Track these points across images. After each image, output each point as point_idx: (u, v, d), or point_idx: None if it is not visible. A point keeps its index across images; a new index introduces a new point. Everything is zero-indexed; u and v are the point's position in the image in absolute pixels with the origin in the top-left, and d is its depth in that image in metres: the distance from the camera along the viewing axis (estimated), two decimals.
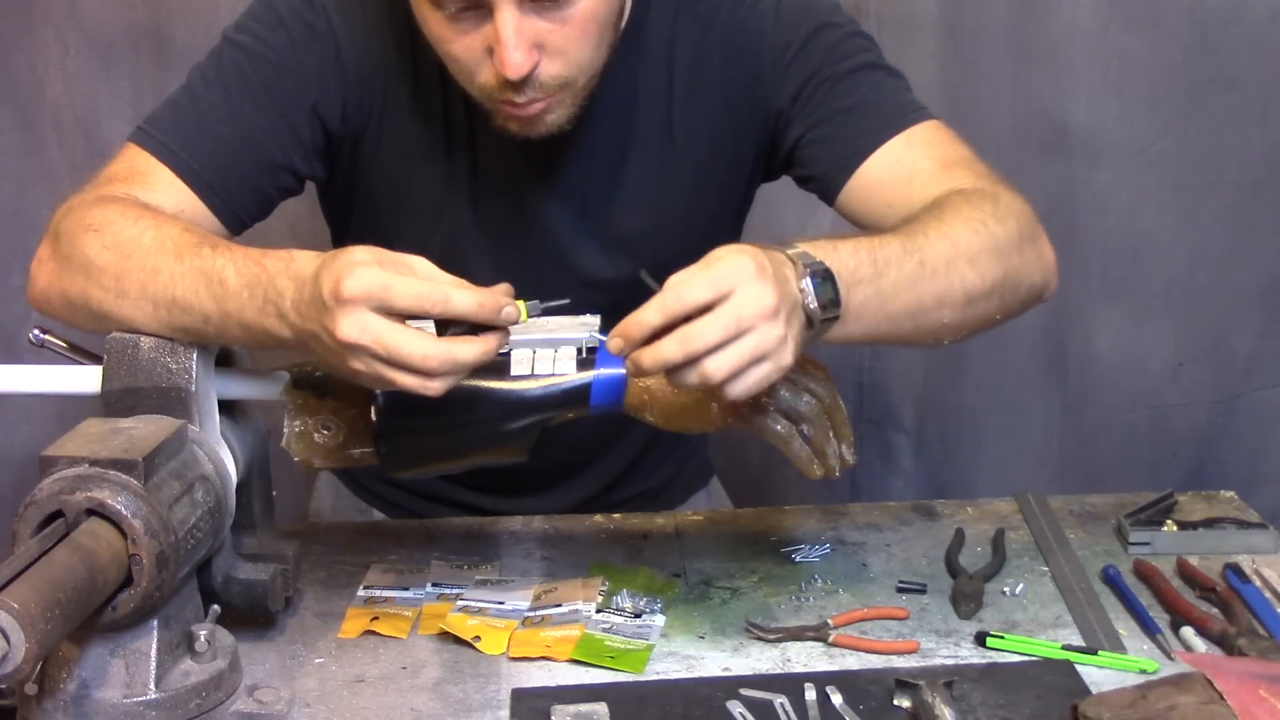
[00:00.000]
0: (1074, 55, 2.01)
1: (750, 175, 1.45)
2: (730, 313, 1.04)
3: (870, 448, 2.19)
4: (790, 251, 1.12)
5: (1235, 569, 1.35)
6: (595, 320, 1.25)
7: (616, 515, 1.51)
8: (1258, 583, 1.33)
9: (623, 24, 1.31)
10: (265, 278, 1.13)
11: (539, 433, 1.23)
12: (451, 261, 1.40)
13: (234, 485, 1.19)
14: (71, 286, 1.22)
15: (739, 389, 1.07)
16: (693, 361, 1.05)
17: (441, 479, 1.57)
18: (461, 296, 1.07)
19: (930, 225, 1.22)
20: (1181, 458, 2.18)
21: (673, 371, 1.07)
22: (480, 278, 1.42)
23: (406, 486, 1.61)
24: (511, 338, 1.22)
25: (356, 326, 1.05)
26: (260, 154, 1.33)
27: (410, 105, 1.37)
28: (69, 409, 1.20)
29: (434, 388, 1.08)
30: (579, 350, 1.22)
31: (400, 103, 1.37)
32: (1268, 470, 2.16)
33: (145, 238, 1.19)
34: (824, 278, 1.12)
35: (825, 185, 1.37)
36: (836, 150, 1.35)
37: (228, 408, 1.22)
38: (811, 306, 1.11)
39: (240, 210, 1.32)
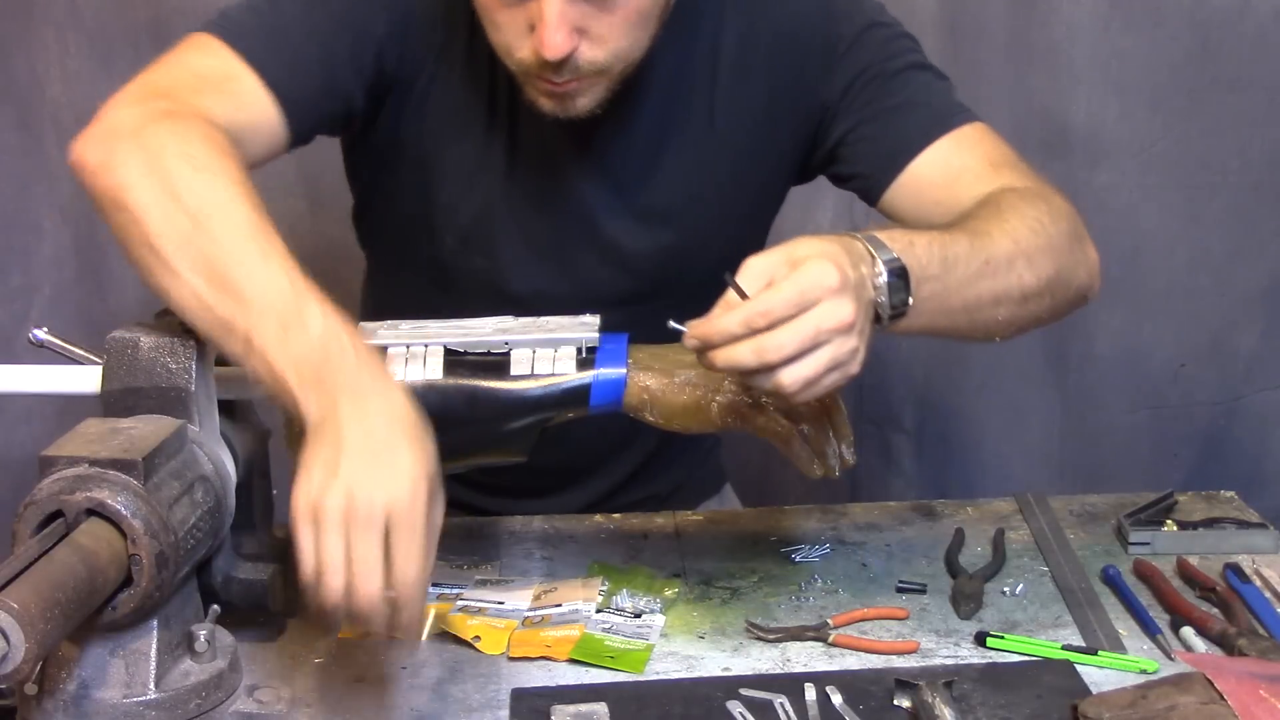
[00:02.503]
0: (1074, 55, 2.01)
1: (788, 169, 1.46)
2: (809, 325, 1.05)
3: (870, 448, 2.19)
4: (869, 245, 1.13)
5: (1235, 569, 1.35)
6: (595, 320, 1.25)
7: (616, 515, 1.51)
8: (1258, 583, 1.33)
9: (667, 13, 1.30)
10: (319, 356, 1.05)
11: (539, 433, 1.23)
12: (480, 230, 1.41)
13: (234, 485, 1.19)
14: (118, 210, 1.12)
15: (806, 395, 1.08)
16: (767, 369, 1.06)
17: (449, 481, 1.57)
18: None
19: (993, 223, 1.23)
20: (1182, 459, 2.19)
21: (745, 374, 1.08)
22: (509, 248, 1.43)
23: None
24: (511, 338, 1.22)
25: (326, 547, 1.00)
26: (333, 79, 1.31)
27: (461, 67, 1.36)
28: (69, 409, 1.20)
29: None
30: (579, 350, 1.22)
31: (452, 63, 1.36)
32: (1269, 471, 2.16)
33: (218, 216, 1.09)
34: (899, 276, 1.12)
35: (870, 183, 1.37)
36: (884, 148, 1.35)
37: (228, 408, 1.22)
38: (881, 303, 1.12)
39: (304, 130, 1.30)
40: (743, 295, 1.07)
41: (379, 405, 1.03)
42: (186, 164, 1.12)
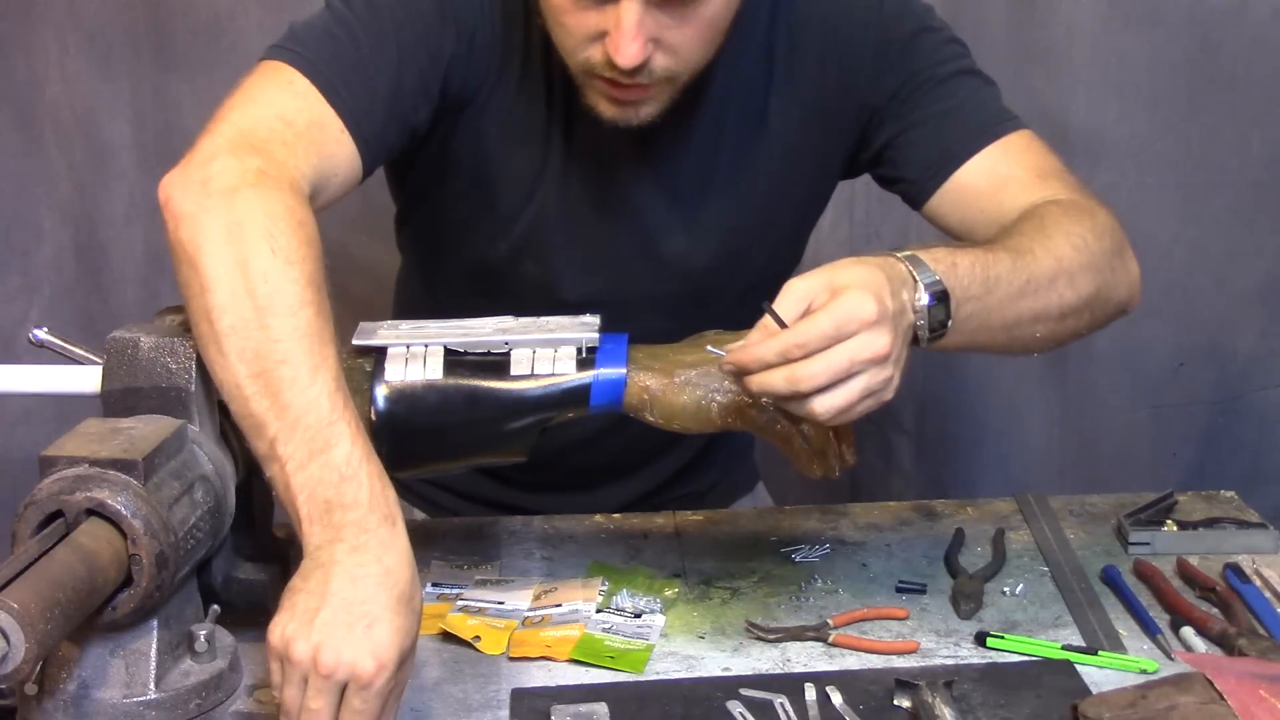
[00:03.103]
0: (1074, 55, 2.01)
1: (835, 169, 1.46)
2: (844, 356, 1.06)
3: (870, 448, 2.19)
4: (911, 267, 1.13)
5: (1235, 569, 1.35)
6: (595, 320, 1.25)
7: (616, 515, 1.51)
8: (1258, 583, 1.33)
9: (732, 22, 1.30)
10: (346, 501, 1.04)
11: (539, 432, 1.23)
12: (535, 238, 1.41)
13: (234, 485, 1.19)
14: (215, 261, 1.08)
15: (839, 421, 1.10)
16: (800, 397, 1.07)
17: (485, 476, 1.57)
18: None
19: (1036, 241, 1.23)
20: (1182, 458, 2.18)
21: (779, 399, 1.10)
22: (562, 254, 1.42)
23: (449, 486, 1.62)
24: (511, 338, 1.22)
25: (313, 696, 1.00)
26: (402, 110, 1.28)
27: (518, 82, 1.36)
28: (69, 409, 1.20)
29: None
30: (579, 350, 1.22)
31: (509, 78, 1.35)
32: (1268, 471, 2.15)
33: (301, 316, 1.08)
34: (940, 299, 1.13)
35: (915, 189, 1.37)
36: (931, 154, 1.35)
37: (228, 408, 1.22)
38: (920, 325, 1.12)
39: (378, 163, 1.29)
40: (781, 324, 1.08)
41: (374, 566, 1.01)
42: (268, 246, 1.09)
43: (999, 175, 1.33)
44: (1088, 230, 1.26)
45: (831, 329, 1.05)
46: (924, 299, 1.12)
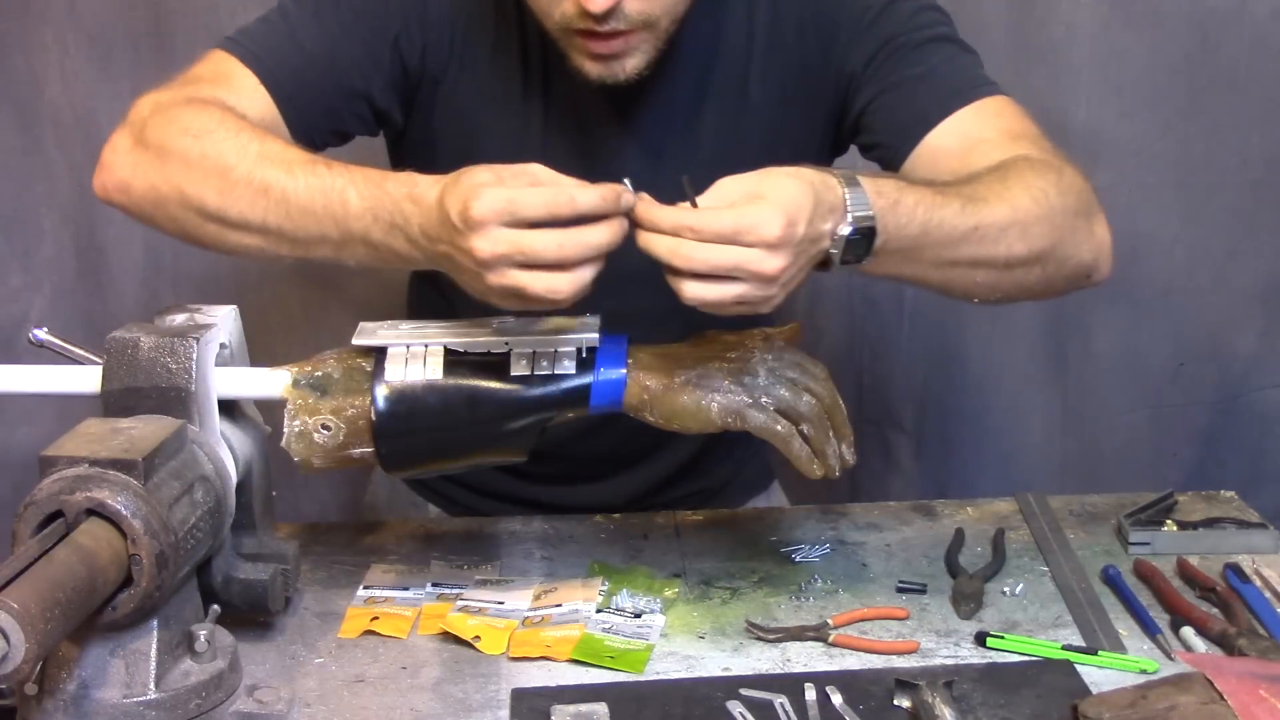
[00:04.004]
0: (1074, 55, 2.01)
1: (820, 141, 1.46)
2: (728, 258, 1.08)
3: (870, 448, 2.19)
4: (848, 196, 1.13)
5: (1235, 569, 1.35)
6: (595, 320, 1.25)
7: (616, 515, 1.51)
8: (1258, 583, 1.33)
9: None
10: (389, 202, 1.16)
11: (539, 433, 1.23)
12: None
13: (234, 485, 1.19)
14: (165, 182, 1.24)
15: (705, 309, 1.11)
16: (673, 271, 1.09)
17: (496, 471, 1.57)
18: (585, 195, 1.11)
19: (994, 189, 1.23)
20: (1182, 458, 2.18)
21: (662, 265, 1.11)
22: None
23: (462, 482, 1.62)
24: (512, 338, 1.22)
25: (490, 243, 1.08)
26: (342, 76, 1.35)
27: (489, 53, 1.38)
28: (69, 409, 1.20)
29: (563, 289, 1.10)
30: (579, 351, 1.22)
31: (479, 50, 1.38)
32: (1269, 471, 2.15)
33: (250, 148, 1.22)
34: (865, 235, 1.13)
35: (890, 152, 1.37)
36: (904, 117, 1.36)
37: (228, 408, 1.22)
38: (835, 254, 1.13)
39: (314, 130, 1.34)
40: (693, 203, 1.10)
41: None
42: (215, 122, 1.23)
43: (970, 137, 1.33)
44: (1050, 185, 1.26)
45: (730, 231, 1.07)
46: (846, 230, 1.12)
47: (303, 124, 1.33)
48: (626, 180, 1.12)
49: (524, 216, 1.08)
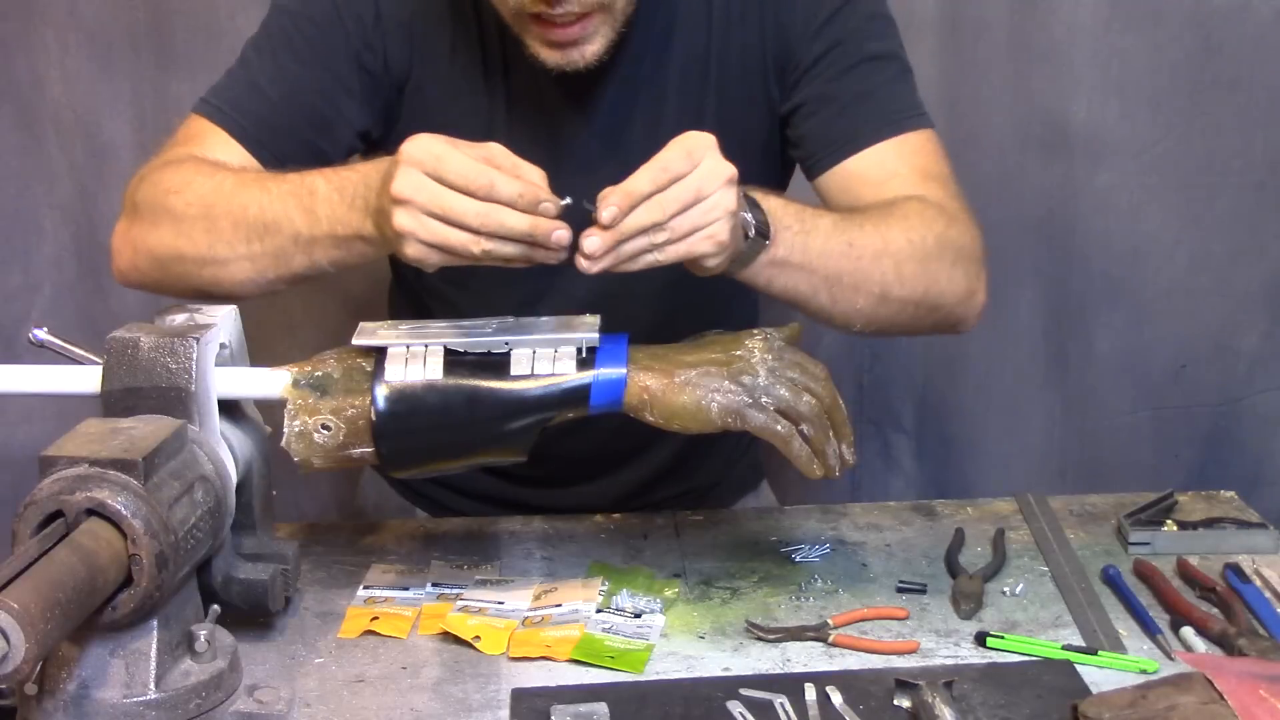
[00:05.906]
0: (1075, 55, 2.01)
1: (778, 124, 1.46)
2: (693, 181, 1.12)
3: (870, 448, 2.19)
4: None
5: (1235, 569, 1.35)
6: (595, 320, 1.25)
7: (616, 515, 1.51)
8: (1258, 583, 1.33)
9: None
10: (356, 177, 1.22)
11: (539, 432, 1.23)
12: None
13: (234, 485, 1.19)
14: (160, 244, 1.31)
15: (705, 253, 1.15)
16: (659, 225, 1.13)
17: (481, 473, 1.57)
18: (506, 184, 1.12)
19: (870, 219, 1.29)
20: (1183, 460, 2.18)
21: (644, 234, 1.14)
22: None
23: (448, 484, 1.62)
24: (511, 338, 1.22)
25: (409, 183, 1.12)
26: (310, 111, 1.39)
27: (449, 49, 1.40)
28: (69, 409, 1.20)
29: (480, 248, 1.12)
30: (579, 350, 1.22)
31: (439, 46, 1.40)
32: (1270, 473, 2.15)
33: (226, 184, 1.28)
34: (754, 206, 1.20)
35: (812, 160, 1.41)
36: (834, 133, 1.39)
37: (228, 408, 1.22)
38: (747, 223, 1.19)
39: (295, 167, 1.34)
40: (594, 216, 1.13)
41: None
42: (192, 172, 1.30)
43: (887, 169, 1.37)
44: (932, 230, 1.30)
45: (683, 153, 1.13)
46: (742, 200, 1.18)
47: (279, 165, 1.34)
48: (569, 199, 1.14)
49: (444, 174, 1.12)
